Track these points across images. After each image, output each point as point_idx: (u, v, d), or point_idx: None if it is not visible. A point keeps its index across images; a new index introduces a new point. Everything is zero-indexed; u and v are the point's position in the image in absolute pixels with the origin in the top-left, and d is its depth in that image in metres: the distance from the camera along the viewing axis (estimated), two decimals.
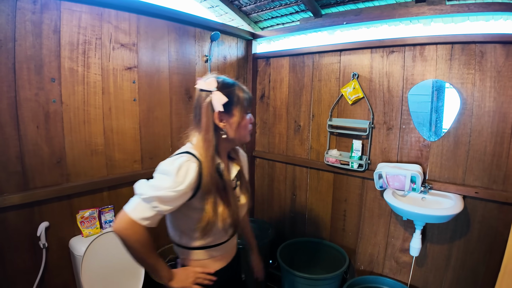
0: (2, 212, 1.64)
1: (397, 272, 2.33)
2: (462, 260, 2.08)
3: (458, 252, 2.09)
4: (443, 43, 2.01)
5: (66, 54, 1.80)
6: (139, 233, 1.09)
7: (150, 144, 2.27)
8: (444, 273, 2.15)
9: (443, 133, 2.05)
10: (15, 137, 1.66)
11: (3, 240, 1.67)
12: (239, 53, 2.92)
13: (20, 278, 1.75)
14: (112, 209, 2.10)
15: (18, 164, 1.68)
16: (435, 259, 2.17)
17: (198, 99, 1.22)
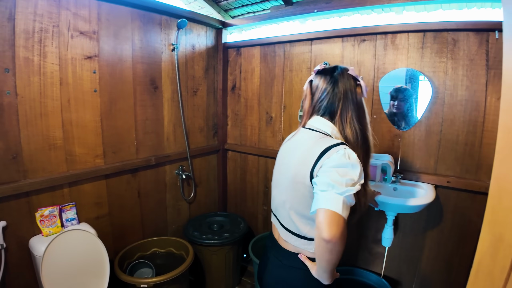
0: None
1: (371, 263, 2.42)
2: (435, 250, 2.17)
3: (431, 242, 2.18)
4: (415, 31, 2.06)
5: (21, 43, 1.76)
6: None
7: (112, 138, 2.26)
8: (417, 264, 2.24)
9: (415, 122, 2.13)
10: None
11: None
12: (209, 42, 2.93)
13: None
14: (74, 206, 2.08)
15: None
16: (408, 250, 2.26)
17: (342, 86, 1.27)
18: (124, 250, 2.37)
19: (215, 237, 2.54)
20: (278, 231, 1.36)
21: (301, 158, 1.22)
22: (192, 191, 2.93)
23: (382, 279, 2.24)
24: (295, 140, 1.35)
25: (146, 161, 2.47)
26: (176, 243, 2.57)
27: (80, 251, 1.95)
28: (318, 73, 1.35)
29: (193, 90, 2.82)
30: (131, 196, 2.44)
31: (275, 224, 1.40)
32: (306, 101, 1.36)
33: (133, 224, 2.49)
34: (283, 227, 1.32)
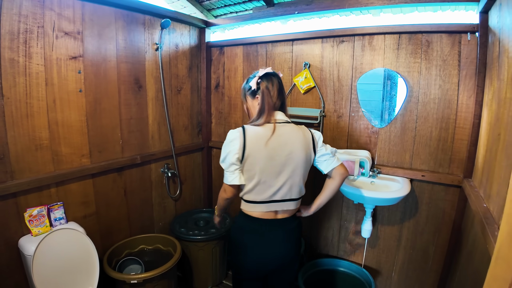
0: None
1: (351, 253, 2.53)
2: (412, 240, 2.29)
3: (408, 233, 2.30)
4: (391, 33, 2.16)
5: (6, 44, 1.75)
6: None
7: (98, 137, 2.27)
8: (395, 253, 2.36)
9: (391, 120, 2.24)
10: None
11: None
12: (192, 42, 2.96)
13: None
14: (62, 205, 2.09)
15: None
16: (387, 240, 2.38)
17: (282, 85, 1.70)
18: (112, 248, 2.39)
19: (202, 233, 2.59)
20: (282, 209, 1.66)
21: (303, 143, 1.60)
22: (177, 188, 2.97)
23: (362, 269, 2.35)
24: (283, 135, 1.58)
25: (132, 160, 2.50)
26: (163, 240, 2.60)
27: (69, 249, 1.97)
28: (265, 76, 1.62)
29: (177, 89, 2.84)
30: (117, 194, 2.46)
31: (276, 208, 1.65)
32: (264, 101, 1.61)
33: (120, 222, 2.51)
34: (291, 201, 1.66)
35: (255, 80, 1.61)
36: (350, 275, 2.40)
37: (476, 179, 1.85)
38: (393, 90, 2.24)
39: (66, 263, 1.96)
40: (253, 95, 1.65)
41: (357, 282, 2.35)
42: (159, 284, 2.22)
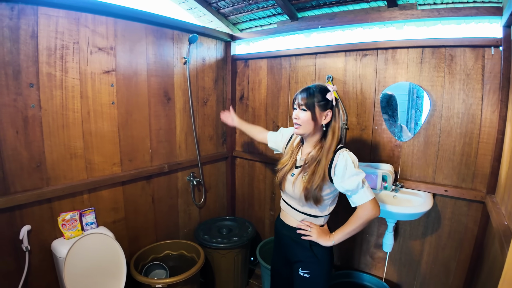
0: None
1: (373, 267, 2.46)
2: (434, 255, 2.21)
3: (430, 248, 2.21)
4: (414, 46, 2.11)
5: (44, 59, 1.83)
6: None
7: (129, 147, 2.32)
8: (417, 268, 2.28)
9: (414, 134, 2.17)
10: None
11: None
12: (218, 55, 2.99)
13: (3, 282, 1.78)
14: (93, 211, 2.14)
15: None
16: (408, 254, 2.30)
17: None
18: (138, 253, 2.43)
19: (224, 240, 2.59)
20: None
21: None
22: (202, 196, 2.98)
23: (383, 283, 2.28)
24: None
25: (160, 168, 2.53)
26: (187, 246, 2.62)
27: (99, 253, 2.01)
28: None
29: (204, 101, 2.88)
30: (145, 201, 2.50)
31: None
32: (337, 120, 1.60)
33: (147, 227, 2.55)
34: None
35: (332, 95, 1.54)
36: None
37: (498, 195, 1.78)
38: (417, 104, 2.19)
39: (96, 266, 2.00)
40: (324, 108, 1.55)
41: None
42: None
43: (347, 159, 1.50)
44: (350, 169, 1.48)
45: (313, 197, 1.56)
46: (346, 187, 1.50)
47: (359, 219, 1.52)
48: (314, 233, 1.61)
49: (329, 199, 1.62)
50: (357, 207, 1.54)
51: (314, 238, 1.61)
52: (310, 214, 1.65)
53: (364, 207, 1.50)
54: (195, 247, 2.55)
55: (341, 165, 1.50)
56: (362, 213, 1.51)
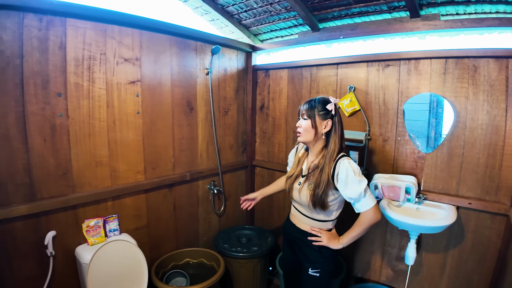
0: (10, 222, 1.67)
1: (394, 280, 2.34)
2: (456, 268, 2.09)
3: (452, 261, 2.10)
4: (437, 57, 2.03)
5: (71, 70, 1.82)
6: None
7: (152, 155, 2.29)
8: (439, 281, 2.16)
9: (437, 145, 2.07)
10: (22, 150, 1.68)
11: (12, 249, 1.70)
12: (239, 65, 2.95)
13: (27, 286, 1.77)
14: (117, 218, 2.11)
15: (26, 176, 1.71)
16: (430, 268, 2.18)
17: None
18: (159, 260, 2.38)
19: (244, 250, 2.51)
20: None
21: None
22: (222, 204, 2.92)
23: None
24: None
25: (182, 177, 2.49)
26: (207, 254, 2.55)
27: (121, 259, 1.98)
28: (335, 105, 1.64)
29: (225, 110, 2.83)
30: (167, 209, 2.46)
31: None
32: (338, 128, 1.66)
33: (168, 235, 2.50)
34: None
35: (333, 105, 1.62)
36: None
37: None
38: (440, 115, 2.08)
39: (118, 272, 1.96)
40: (325, 118, 1.62)
41: None
42: None
43: (347, 168, 1.55)
44: (351, 177, 1.54)
45: (319, 204, 1.62)
46: (348, 195, 1.57)
47: (362, 224, 1.60)
48: (325, 239, 1.68)
49: (335, 205, 1.68)
50: (360, 213, 1.61)
51: (324, 243, 1.68)
52: (318, 219, 1.72)
53: (366, 213, 1.57)
54: (215, 256, 2.49)
55: (342, 173, 1.56)
56: (365, 219, 1.59)
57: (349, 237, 1.66)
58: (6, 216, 1.64)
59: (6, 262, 1.68)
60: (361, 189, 1.53)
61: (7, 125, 1.62)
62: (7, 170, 1.64)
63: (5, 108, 1.60)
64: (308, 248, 1.74)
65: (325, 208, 1.63)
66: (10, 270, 1.70)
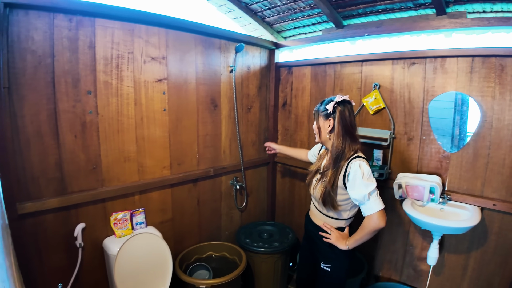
0: (42, 214, 1.70)
1: (415, 280, 2.25)
2: (478, 270, 1.99)
3: (474, 263, 2.00)
4: (464, 56, 1.92)
5: (101, 68, 1.83)
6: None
7: (178, 151, 2.29)
8: (460, 283, 2.07)
9: (463, 145, 1.96)
10: (54, 146, 1.70)
11: (42, 240, 1.73)
12: (262, 62, 2.89)
13: (56, 276, 1.80)
14: (143, 211, 2.13)
15: (57, 170, 1.73)
16: (452, 269, 2.09)
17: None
18: (183, 253, 2.38)
19: (265, 245, 2.47)
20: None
21: None
22: (244, 200, 2.90)
23: None
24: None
25: (206, 172, 2.48)
26: (229, 248, 2.54)
27: (147, 251, 1.99)
28: (342, 102, 1.62)
29: (247, 107, 2.79)
30: (191, 203, 2.46)
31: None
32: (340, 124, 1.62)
33: (192, 229, 2.50)
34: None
35: (332, 104, 1.60)
36: None
37: None
38: (466, 115, 1.97)
39: (143, 264, 1.97)
40: (326, 117, 1.64)
41: None
42: None
43: (357, 169, 1.52)
44: (358, 179, 1.51)
45: (330, 202, 1.62)
46: (353, 197, 1.55)
47: (365, 228, 1.55)
48: (333, 237, 1.68)
49: (346, 205, 1.66)
50: (365, 217, 1.56)
51: (332, 241, 1.67)
52: (331, 217, 1.72)
53: (370, 217, 1.52)
54: (237, 250, 2.47)
55: (351, 174, 1.54)
56: (367, 223, 1.54)
57: (353, 240, 1.63)
58: (38, 209, 1.67)
59: (37, 253, 1.72)
60: (365, 192, 1.48)
61: (39, 122, 1.64)
62: (39, 165, 1.66)
63: (37, 105, 1.62)
64: (320, 243, 1.75)
65: (335, 206, 1.63)
66: (40, 261, 1.74)
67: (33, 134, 1.62)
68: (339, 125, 1.59)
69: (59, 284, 1.80)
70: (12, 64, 1.52)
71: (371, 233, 1.54)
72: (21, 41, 1.54)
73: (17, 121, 1.57)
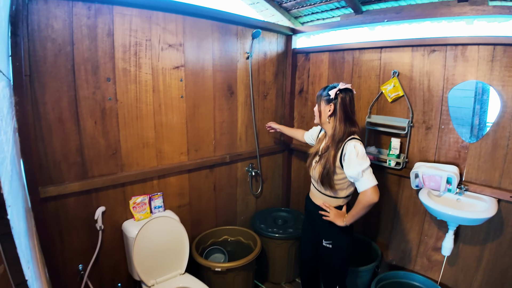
0: (63, 198, 1.74)
1: (428, 269, 2.21)
2: (493, 262, 1.93)
3: (489, 255, 1.94)
4: (485, 44, 1.81)
5: (119, 56, 1.82)
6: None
7: (195, 138, 2.28)
8: (474, 274, 2.01)
9: (482, 135, 1.88)
10: (75, 132, 1.72)
11: (64, 223, 1.77)
12: (279, 48, 2.81)
13: (77, 257, 1.86)
14: (161, 196, 2.15)
15: (78, 155, 1.76)
16: (466, 260, 2.03)
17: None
18: (200, 236, 2.41)
19: (280, 231, 2.47)
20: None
21: None
22: (259, 186, 2.88)
23: (438, 286, 2.03)
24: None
25: (222, 159, 2.47)
26: (244, 233, 2.55)
27: (165, 234, 2.01)
28: (344, 90, 1.69)
29: (264, 94, 2.74)
30: (208, 188, 2.46)
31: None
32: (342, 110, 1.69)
33: (208, 213, 2.52)
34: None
35: (335, 91, 1.67)
36: None
37: None
38: (486, 104, 1.86)
39: (161, 246, 2.00)
40: (328, 102, 1.71)
41: None
42: (239, 274, 2.18)
43: (352, 149, 1.61)
44: (353, 158, 1.59)
45: (327, 181, 1.71)
46: (349, 174, 1.63)
47: (359, 203, 1.62)
48: (332, 215, 1.76)
49: (343, 184, 1.73)
50: (360, 193, 1.63)
51: (331, 218, 1.75)
52: (329, 195, 1.79)
53: (364, 193, 1.59)
54: (252, 235, 2.48)
55: (347, 154, 1.62)
56: (361, 198, 1.61)
57: (350, 216, 1.70)
58: (60, 193, 1.70)
59: (58, 235, 1.77)
60: (360, 170, 1.57)
61: (60, 109, 1.65)
62: (61, 150, 1.69)
63: (58, 92, 1.63)
64: (320, 221, 1.82)
65: (333, 186, 1.72)
66: (62, 243, 1.79)
67: (55, 120, 1.64)
68: (340, 111, 1.68)
69: (80, 265, 1.86)
70: (33, 53, 1.53)
71: (365, 208, 1.61)
72: (41, 29, 1.53)
73: (39, 108, 1.58)
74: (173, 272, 2.04)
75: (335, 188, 1.74)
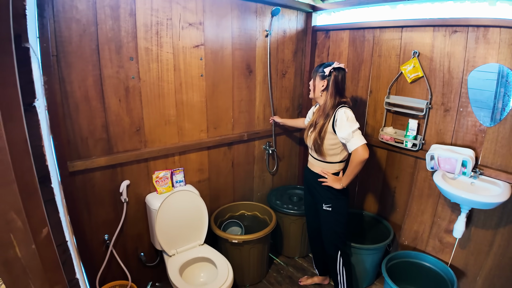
0: (90, 172, 1.81)
1: (440, 251, 2.20)
2: (504, 247, 1.90)
3: (501, 239, 1.90)
4: (507, 27, 1.70)
5: (141, 35, 1.82)
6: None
7: (214, 116, 2.30)
8: (485, 258, 1.99)
9: (500, 119, 1.80)
10: (100, 109, 1.77)
11: (91, 196, 1.86)
12: (299, 26, 2.74)
13: (103, 228, 1.95)
14: (182, 171, 2.21)
15: (104, 132, 1.81)
16: (478, 244, 2.01)
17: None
18: (218, 210, 2.48)
19: (295, 207, 2.51)
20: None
21: None
22: (275, 164, 2.90)
23: (448, 268, 2.03)
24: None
25: (240, 137, 2.49)
26: (261, 209, 2.60)
27: (186, 207, 2.09)
28: (338, 69, 1.85)
29: (282, 73, 2.70)
30: (226, 165, 2.50)
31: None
32: (334, 86, 1.85)
33: (226, 188, 2.57)
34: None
35: (329, 69, 1.83)
36: (434, 271, 2.10)
37: None
38: (507, 88, 1.77)
39: (182, 218, 2.08)
40: (322, 78, 1.87)
41: (439, 279, 2.05)
42: (255, 247, 2.24)
43: (342, 115, 1.77)
44: (344, 121, 1.76)
45: (320, 146, 1.88)
46: (340, 136, 1.78)
47: (352, 162, 1.77)
48: (330, 179, 1.92)
49: (337, 149, 1.90)
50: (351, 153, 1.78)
51: (329, 183, 1.92)
52: (326, 161, 1.95)
53: (355, 151, 1.74)
54: (268, 210, 2.53)
55: (338, 119, 1.78)
56: (353, 156, 1.76)
57: (345, 177, 1.86)
58: (87, 167, 1.78)
59: (85, 207, 1.86)
60: (350, 131, 1.73)
61: (86, 87, 1.69)
62: (87, 127, 1.75)
63: (84, 71, 1.67)
64: (319, 187, 1.98)
65: (326, 151, 1.90)
66: (89, 214, 1.88)
67: (81, 98, 1.69)
68: (332, 87, 1.84)
69: (106, 235, 1.96)
70: (59, 33, 1.55)
71: (358, 165, 1.75)
72: (66, 10, 1.55)
73: (65, 87, 1.63)
74: (192, 243, 2.13)
75: (329, 154, 1.90)
